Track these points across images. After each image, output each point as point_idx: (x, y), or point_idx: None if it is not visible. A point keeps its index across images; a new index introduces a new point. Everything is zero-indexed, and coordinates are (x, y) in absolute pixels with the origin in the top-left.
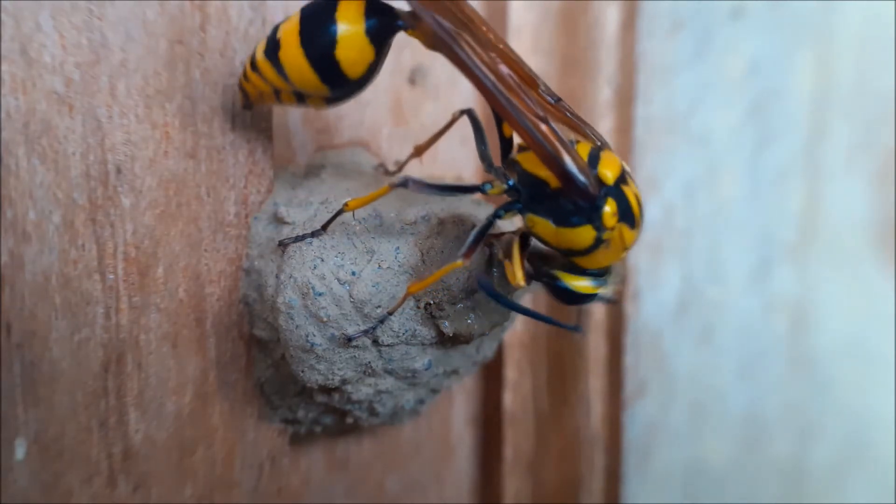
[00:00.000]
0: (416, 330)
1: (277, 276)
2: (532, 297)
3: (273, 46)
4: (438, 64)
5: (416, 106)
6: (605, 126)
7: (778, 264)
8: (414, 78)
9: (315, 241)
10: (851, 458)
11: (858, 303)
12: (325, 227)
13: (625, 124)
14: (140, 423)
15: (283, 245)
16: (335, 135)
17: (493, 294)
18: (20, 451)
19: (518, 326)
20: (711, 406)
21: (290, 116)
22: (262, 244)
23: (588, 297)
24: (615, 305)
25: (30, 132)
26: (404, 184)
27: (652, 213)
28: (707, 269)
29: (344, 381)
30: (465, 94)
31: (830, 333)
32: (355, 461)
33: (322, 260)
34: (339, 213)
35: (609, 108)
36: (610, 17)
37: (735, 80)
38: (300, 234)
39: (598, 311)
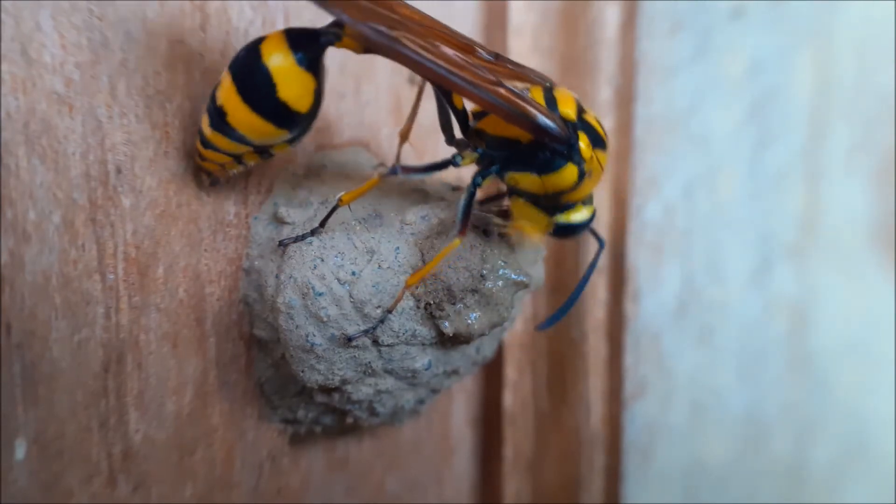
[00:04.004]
0: (416, 330)
1: (277, 276)
2: (532, 297)
3: (218, 116)
4: None
5: None
6: (605, 126)
7: (778, 264)
8: (413, 78)
9: (315, 240)
10: (851, 458)
11: (858, 303)
12: (322, 224)
13: (625, 124)
14: (140, 423)
15: (283, 245)
16: (335, 135)
17: (557, 317)
18: (20, 451)
19: (518, 327)
20: (711, 406)
21: None
22: (262, 244)
23: (588, 222)
24: (615, 305)
25: (30, 132)
26: (394, 171)
27: (652, 213)
28: (707, 269)
29: (344, 381)
30: None
31: (830, 333)
32: (355, 461)
33: (322, 260)
34: (335, 208)
35: (609, 108)
36: (610, 17)
37: (735, 80)
38: (300, 233)
39: (598, 312)
